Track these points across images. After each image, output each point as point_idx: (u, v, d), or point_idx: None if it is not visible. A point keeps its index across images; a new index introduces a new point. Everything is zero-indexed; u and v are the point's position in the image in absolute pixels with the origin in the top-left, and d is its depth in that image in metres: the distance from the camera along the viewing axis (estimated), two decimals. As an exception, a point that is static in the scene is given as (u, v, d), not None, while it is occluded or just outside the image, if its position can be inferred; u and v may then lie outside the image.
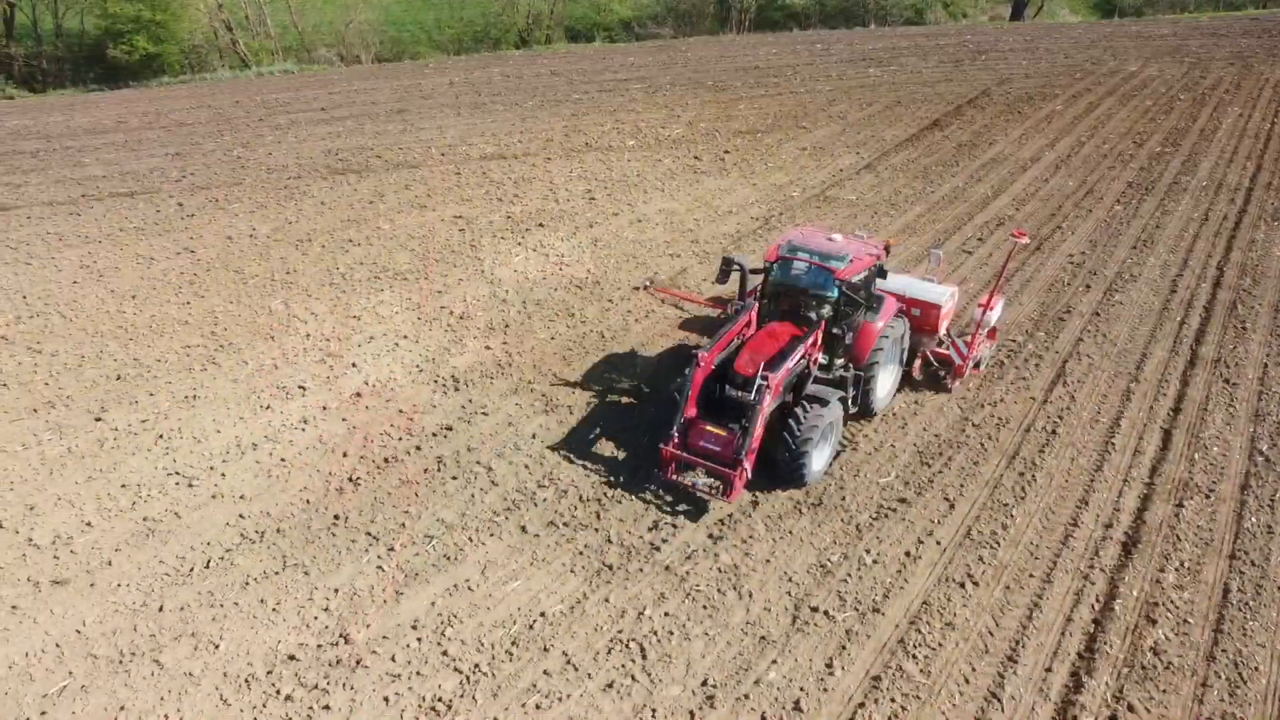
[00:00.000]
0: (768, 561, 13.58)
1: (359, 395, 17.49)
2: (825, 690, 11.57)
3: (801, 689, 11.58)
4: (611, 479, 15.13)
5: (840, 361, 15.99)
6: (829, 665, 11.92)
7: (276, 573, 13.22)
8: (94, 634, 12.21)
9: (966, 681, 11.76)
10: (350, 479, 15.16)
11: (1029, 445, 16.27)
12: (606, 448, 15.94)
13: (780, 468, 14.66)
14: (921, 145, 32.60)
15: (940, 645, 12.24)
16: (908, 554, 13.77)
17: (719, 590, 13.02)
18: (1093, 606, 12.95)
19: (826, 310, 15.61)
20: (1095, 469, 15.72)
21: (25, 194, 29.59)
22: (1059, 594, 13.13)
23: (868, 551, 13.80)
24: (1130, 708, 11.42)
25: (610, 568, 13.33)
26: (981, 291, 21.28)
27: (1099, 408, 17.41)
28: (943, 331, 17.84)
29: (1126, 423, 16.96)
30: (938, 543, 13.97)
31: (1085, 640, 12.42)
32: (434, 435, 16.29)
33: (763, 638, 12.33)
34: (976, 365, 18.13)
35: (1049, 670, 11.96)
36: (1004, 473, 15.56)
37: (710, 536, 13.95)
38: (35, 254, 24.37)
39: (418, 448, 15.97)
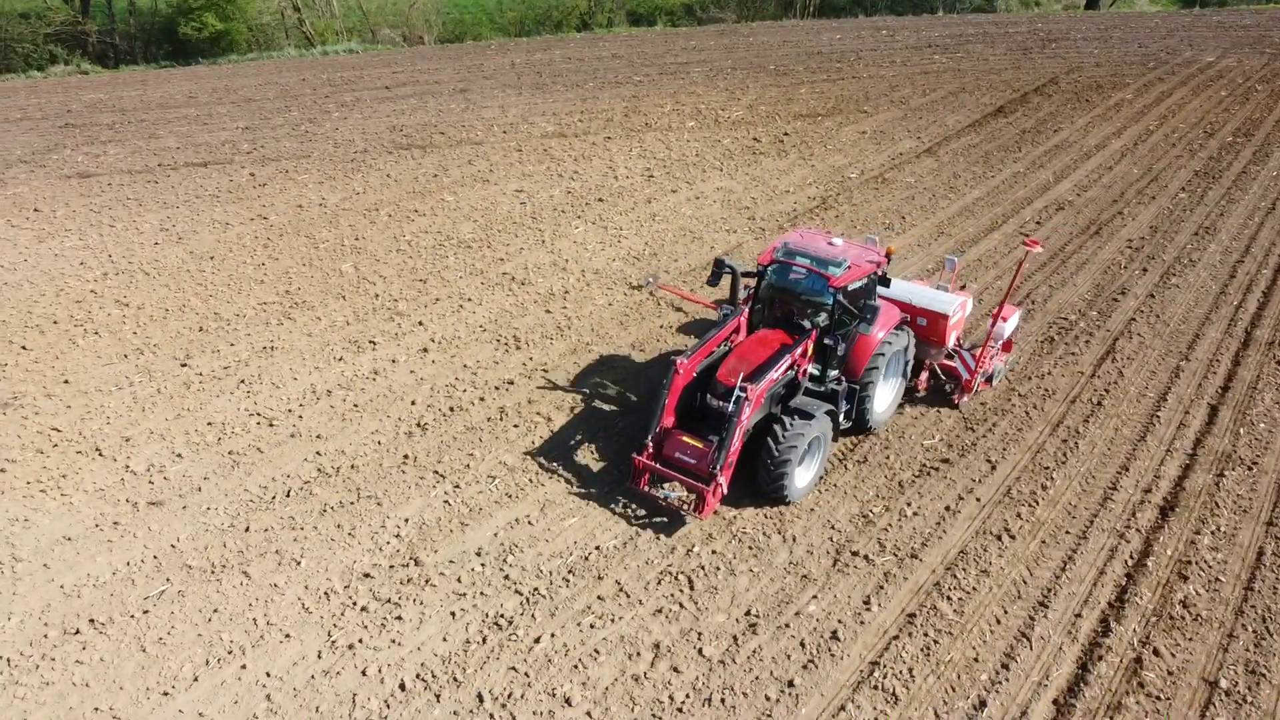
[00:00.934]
0: (812, 510, 14.68)
1: (425, 350, 18.90)
2: (862, 623, 12.65)
3: (839, 621, 12.66)
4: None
5: (834, 373, 15.57)
6: (866, 602, 12.99)
7: (351, 503, 14.63)
8: (187, 548, 13.73)
9: (998, 622, 12.75)
10: (418, 424, 16.55)
11: (1073, 415, 17.12)
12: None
13: (760, 482, 14.38)
14: (984, 131, 33.27)
15: (974, 589, 13.24)
16: (947, 508, 14.76)
17: (764, 534, 14.15)
18: (1126, 562, 13.83)
19: (823, 319, 15.32)
20: (1138, 439, 16.53)
21: (105, 162, 31.63)
22: (1093, 549, 14.02)
23: (909, 505, 14.83)
24: (1156, 651, 12.30)
25: (662, 510, 14.52)
26: (1008, 297, 21.94)
27: (1147, 383, 18.17)
28: (951, 343, 17.21)
29: (1173, 398, 17.71)
30: (977, 499, 14.95)
31: (1116, 591, 13.31)
32: (496, 388, 17.62)
33: (804, 576, 13.43)
34: (988, 380, 17.64)
35: (1078, 616, 12.89)
36: (1047, 439, 16.45)
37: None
38: (118, 218, 26.24)
39: (481, 399, 17.31)
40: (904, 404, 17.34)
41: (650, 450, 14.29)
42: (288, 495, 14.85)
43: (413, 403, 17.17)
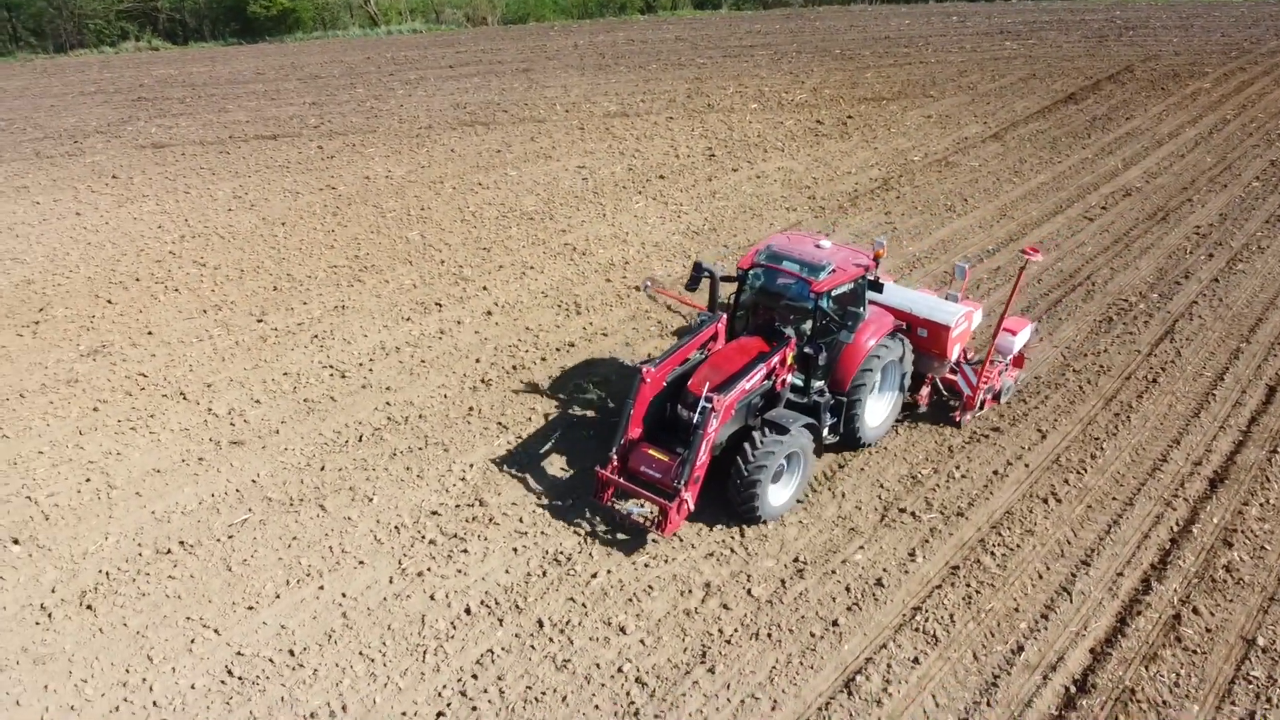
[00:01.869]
0: (862, 470, 15.59)
1: (489, 313, 20.12)
2: (906, 573, 13.55)
3: (884, 570, 13.57)
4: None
5: (819, 384, 15.10)
6: (911, 554, 13.88)
7: (420, 448, 15.86)
8: (267, 483, 15.06)
9: (1039, 577, 13.55)
10: (483, 380, 17.75)
11: (1127, 391, 17.78)
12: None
13: (731, 499, 13.98)
14: (1053, 118, 33.71)
15: (1018, 547, 14.05)
16: (995, 473, 15.56)
17: (813, 489, 15.09)
18: (1171, 529, 14.52)
19: (809, 326, 14.85)
20: (1192, 415, 17.14)
21: (177, 134, 33.47)
22: (1139, 516, 14.74)
23: (958, 468, 15.66)
24: (1195, 610, 13.01)
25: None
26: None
27: (1205, 364, 18.74)
28: (954, 356, 16.47)
29: (1231, 378, 18.27)
30: (1026, 465, 15.73)
31: (1159, 554, 14.03)
32: (558, 350, 18.77)
33: (852, 529, 14.36)
34: (995, 397, 17.01)
35: (1120, 575, 13.63)
36: (1099, 413, 17.14)
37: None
38: (192, 185, 27.92)
39: (543, 359, 18.47)
40: (903, 419, 16.83)
41: (615, 463, 13.94)
42: (360, 440, 16.12)
43: (477, 360, 18.37)
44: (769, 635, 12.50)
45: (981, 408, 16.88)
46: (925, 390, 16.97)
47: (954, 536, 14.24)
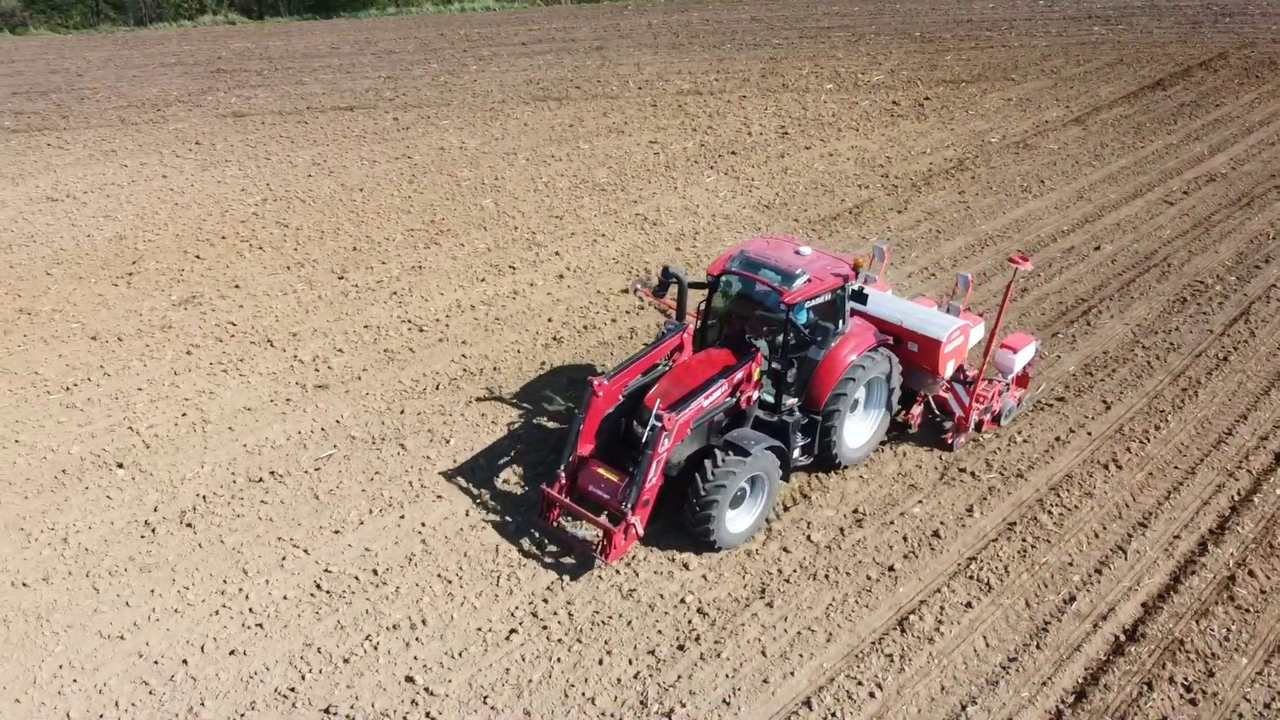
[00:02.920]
0: (923, 432, 16.48)
1: (561, 276, 21.35)
2: (963, 526, 14.45)
3: (941, 523, 14.49)
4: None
5: (792, 401, 14.72)
6: (969, 510, 14.77)
7: (495, 398, 17.12)
8: (350, 423, 16.45)
9: (1096, 536, 14.35)
10: (554, 338, 18.97)
11: (1196, 368, 18.40)
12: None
13: (686, 523, 13.56)
14: (1139, 103, 34.00)
15: (1076, 508, 14.86)
16: (1058, 439, 16.35)
17: (876, 448, 16.03)
18: (1232, 498, 15.19)
19: (799, 336, 14.38)
20: (1262, 393, 17.72)
21: (256, 104, 35.30)
22: (1200, 484, 15.43)
23: (1019, 433, 16.48)
24: (1251, 573, 13.72)
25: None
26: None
27: (1279, 345, 19.25)
28: (947, 373, 15.82)
29: (1305, 360, 18.78)
30: (1088, 433, 16.49)
31: (1218, 521, 14.73)
32: (627, 312, 19.92)
33: (912, 485, 15.29)
34: (995, 420, 16.39)
35: (1177, 538, 14.37)
36: (1166, 387, 17.80)
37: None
38: (272, 153, 29.61)
39: (613, 320, 19.64)
40: (892, 438, 16.27)
41: (563, 481, 13.64)
42: (437, 388, 17.44)
43: (549, 319, 19.60)
44: (826, 576, 13.51)
45: (979, 430, 16.29)
46: (917, 409, 16.23)
47: (1012, 496, 15.09)
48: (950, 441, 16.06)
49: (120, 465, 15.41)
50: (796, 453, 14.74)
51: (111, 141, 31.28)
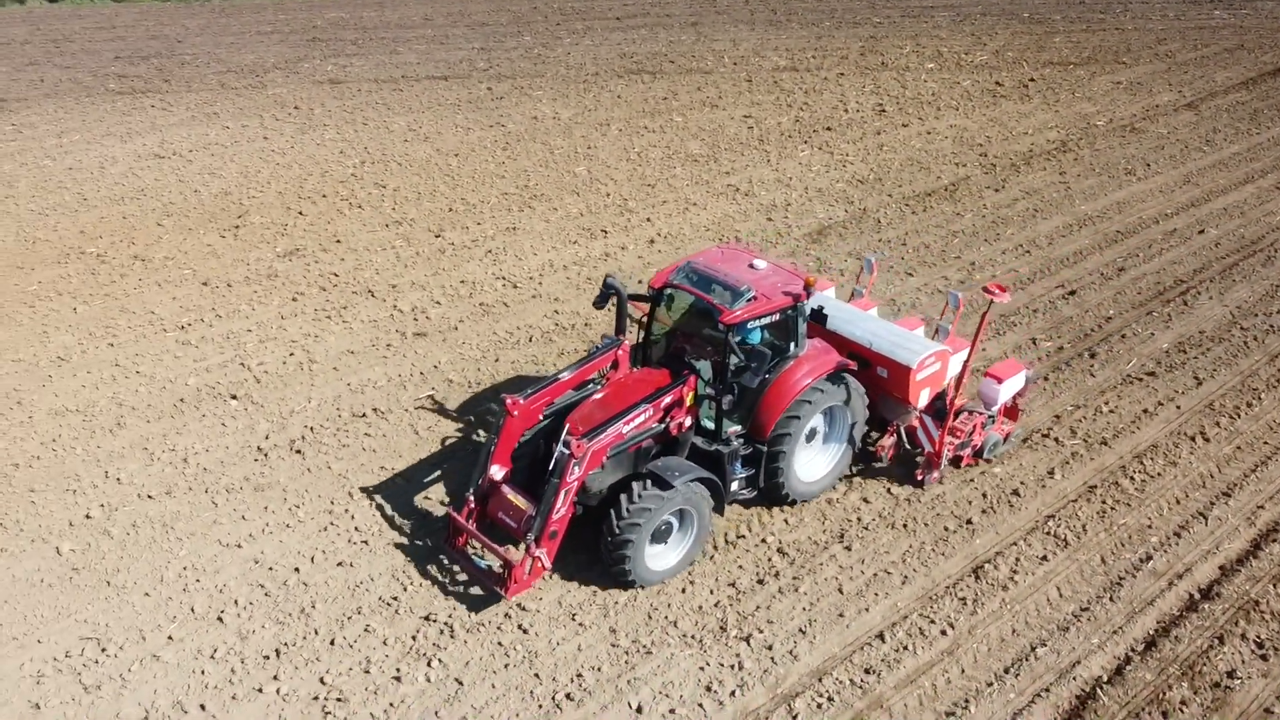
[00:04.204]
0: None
1: (652, 241, 22.67)
2: (1043, 487, 15.38)
3: (1021, 483, 15.44)
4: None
5: (735, 428, 14.13)
6: (1050, 472, 15.69)
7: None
8: (447, 369, 17.97)
9: (1177, 502, 15.17)
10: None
11: (1297, 350, 18.99)
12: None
13: (603, 559, 13.16)
14: (1257, 90, 34.10)
15: (1159, 475, 15.68)
16: (1145, 411, 17.15)
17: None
18: (1323, 476, 15.88)
19: (734, 360, 13.63)
20: (1363, 377, 18.26)
21: (351, 72, 37.26)
22: (1290, 460, 16.14)
23: (1106, 404, 17.32)
24: (1334, 545, 14.45)
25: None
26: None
27: (1390, 333, 19.69)
28: (921, 403, 15.04)
29: None
30: (1177, 407, 17.25)
31: (1306, 495, 15.44)
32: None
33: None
34: (977, 455, 15.70)
35: (1260, 508, 15.10)
36: (1262, 367, 18.43)
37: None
38: (369, 118, 31.44)
39: (702, 284, 20.86)
40: (858, 471, 15.67)
41: (471, 505, 13.27)
42: (530, 340, 18.87)
43: (639, 281, 20.90)
44: (904, 526, 14.60)
45: (958, 465, 15.63)
46: (888, 440, 15.56)
47: (1095, 461, 15.97)
48: (920, 478, 15.27)
49: (234, 397, 17.14)
50: (735, 485, 14.12)
51: (213, 105, 33.41)
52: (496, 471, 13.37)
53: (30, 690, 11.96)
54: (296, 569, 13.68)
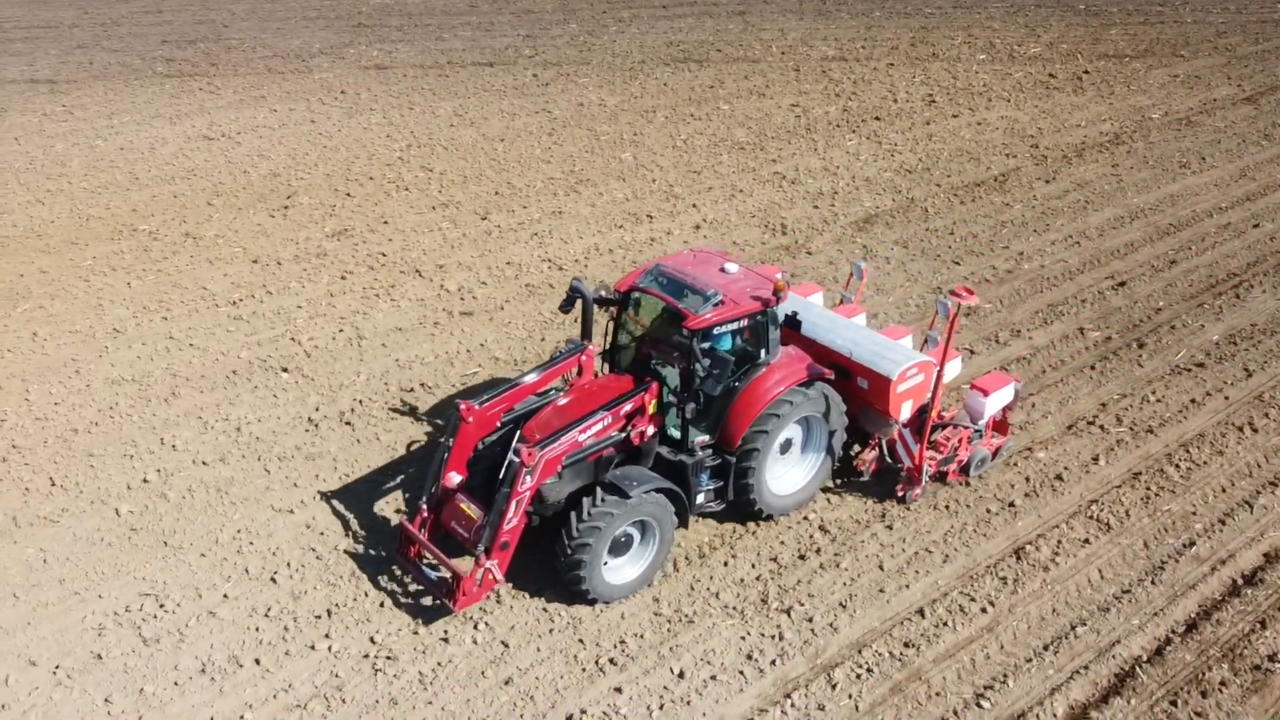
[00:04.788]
0: (1054, 386, 17.75)
1: (698, 227, 23.19)
2: (1087, 472, 15.72)
3: (1065, 468, 15.79)
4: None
5: (703, 438, 13.88)
6: (1095, 459, 16.02)
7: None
8: (493, 347, 18.61)
9: (1223, 490, 15.45)
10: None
11: (1351, 344, 19.15)
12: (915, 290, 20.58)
13: (558, 572, 12.97)
14: (1321, 84, 34.06)
15: (1204, 464, 15.96)
16: (1193, 401, 17.42)
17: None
18: (1375, 468, 16.09)
19: (698, 367, 13.22)
20: None
21: (397, 58, 38.07)
22: (1341, 453, 16.36)
23: (1153, 393, 17.60)
24: (1383, 534, 14.69)
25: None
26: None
27: None
28: (903, 415, 14.65)
29: None
30: (1225, 397, 17.50)
31: (1356, 487, 15.66)
32: (762, 262, 21.60)
33: (1035, 438, 16.59)
34: (964, 470, 15.31)
35: (1309, 498, 15.39)
36: (1316, 361, 18.64)
37: (1002, 368, 18.24)
38: (415, 103, 32.20)
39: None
40: (841, 482, 15.47)
41: (424, 514, 13.19)
42: (575, 321, 19.40)
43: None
44: (946, 507, 15.00)
45: (943, 481, 15.28)
46: (870, 453, 15.24)
47: (1140, 449, 16.28)
48: (901, 494, 14.99)
49: (285, 370, 17.86)
50: (702, 497, 13.95)
51: (260, 88, 34.31)
52: (452, 479, 13.20)
53: (92, 641, 12.67)
54: (347, 534, 14.32)
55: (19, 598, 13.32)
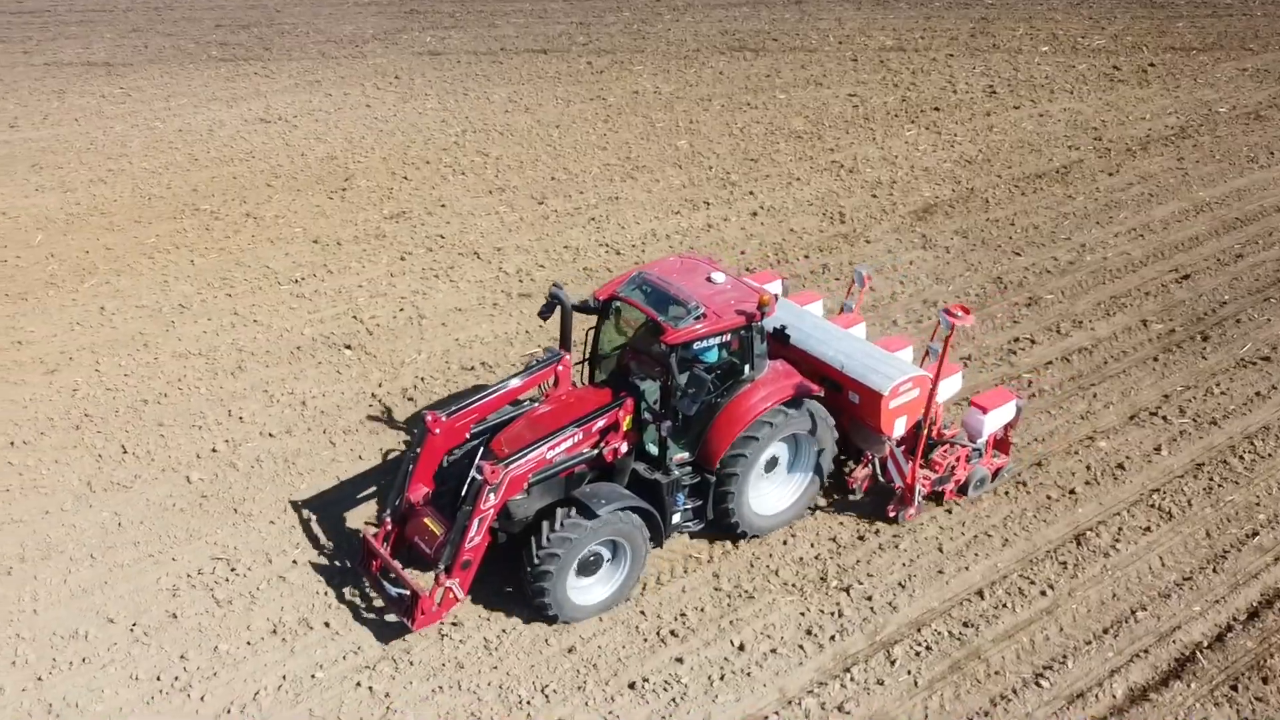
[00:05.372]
0: (1116, 377, 18.02)
1: (755, 214, 23.62)
2: (1149, 462, 16.00)
3: (1127, 457, 16.08)
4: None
5: (682, 455, 13.55)
6: (1157, 449, 16.29)
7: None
8: (552, 328, 18.90)
9: (1286, 484, 15.71)
10: (746, 268, 21.23)
11: None
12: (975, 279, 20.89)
13: (524, 590, 12.76)
14: (1395, 79, 33.87)
15: (1269, 456, 16.19)
16: (1257, 393, 17.63)
17: (1060, 389, 17.67)
18: None
19: (682, 380, 12.78)
20: None
21: (450, 44, 38.78)
22: None
23: (1217, 385, 17.83)
24: None
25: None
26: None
27: None
28: (896, 432, 14.24)
29: None
30: (1291, 390, 17.73)
31: None
32: (820, 249, 22.03)
33: (1096, 426, 16.88)
34: (962, 490, 15.03)
35: (1375, 492, 15.58)
36: (1385, 356, 18.77)
37: (1047, 363, 18.51)
38: (469, 89, 32.86)
39: (805, 256, 21.77)
40: (831, 502, 15.25)
41: (388, 528, 13.13)
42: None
43: (742, 252, 21.89)
44: (1006, 493, 15.37)
45: (940, 501, 15.00)
46: (862, 471, 15.05)
47: (1204, 440, 16.54)
48: (893, 513, 14.66)
49: (348, 347, 18.52)
50: (679, 516, 13.70)
51: (314, 73, 35.11)
52: (417, 492, 13.09)
53: (167, 601, 13.34)
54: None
55: (95, 558, 14.01)
